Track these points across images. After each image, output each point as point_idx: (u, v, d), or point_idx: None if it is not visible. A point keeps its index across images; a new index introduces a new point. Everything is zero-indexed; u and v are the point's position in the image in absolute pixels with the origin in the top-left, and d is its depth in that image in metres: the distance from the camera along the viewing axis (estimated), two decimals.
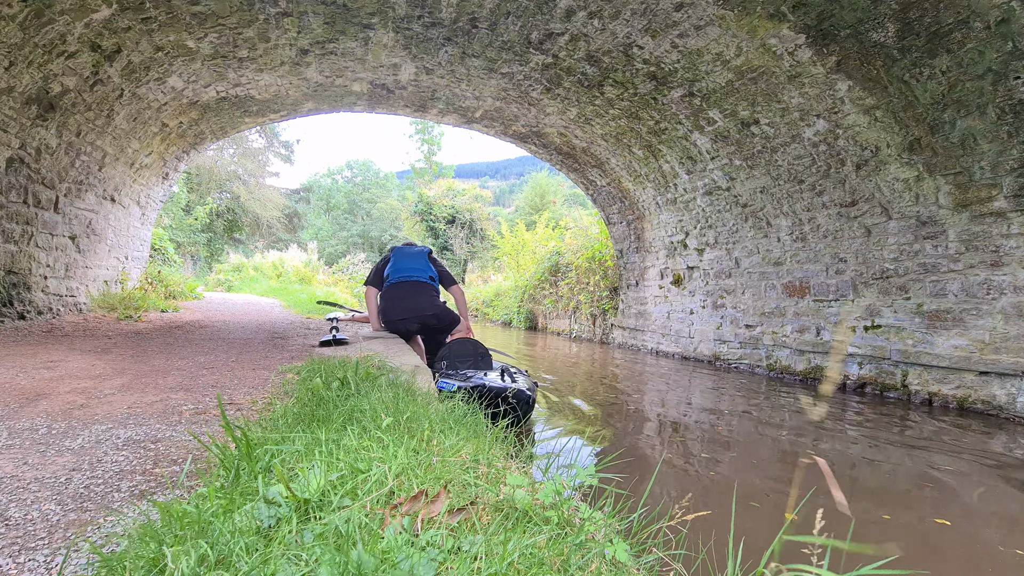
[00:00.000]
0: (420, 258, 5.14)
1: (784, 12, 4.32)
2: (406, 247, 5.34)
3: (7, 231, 5.76)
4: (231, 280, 18.82)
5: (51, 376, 3.49)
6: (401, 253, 5.20)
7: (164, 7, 4.95)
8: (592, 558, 1.23)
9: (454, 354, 4.52)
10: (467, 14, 5.23)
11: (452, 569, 1.09)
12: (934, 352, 4.94)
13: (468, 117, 8.37)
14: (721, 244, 7.37)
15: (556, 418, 4.48)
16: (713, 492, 2.85)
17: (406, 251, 5.23)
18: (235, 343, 5.59)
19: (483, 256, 22.86)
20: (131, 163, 7.79)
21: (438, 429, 2.07)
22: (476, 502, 1.42)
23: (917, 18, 3.85)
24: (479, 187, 28.33)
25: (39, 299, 6.38)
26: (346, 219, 48.81)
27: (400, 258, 5.12)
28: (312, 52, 6.20)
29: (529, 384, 4.05)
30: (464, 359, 4.50)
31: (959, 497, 2.87)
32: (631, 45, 5.32)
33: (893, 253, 5.23)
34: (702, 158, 6.77)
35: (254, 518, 1.23)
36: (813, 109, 5.10)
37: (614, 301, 10.53)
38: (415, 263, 5.05)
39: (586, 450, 3.54)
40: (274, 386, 3.41)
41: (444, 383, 3.94)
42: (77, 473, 1.82)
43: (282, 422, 2.18)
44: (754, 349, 6.94)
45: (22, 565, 1.25)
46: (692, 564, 1.54)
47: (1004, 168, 4.17)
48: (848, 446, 3.74)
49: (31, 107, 5.46)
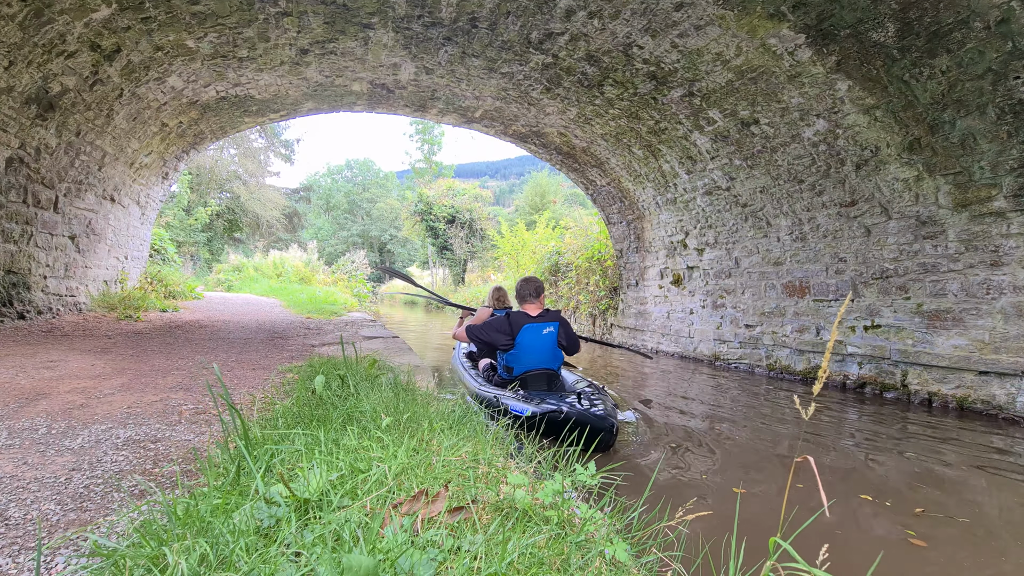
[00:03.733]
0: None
1: (784, 12, 4.32)
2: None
3: (7, 231, 5.76)
4: (231, 280, 18.82)
5: (51, 376, 3.49)
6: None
7: (164, 7, 4.94)
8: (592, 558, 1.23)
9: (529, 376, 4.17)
10: (467, 14, 5.23)
11: (452, 568, 1.09)
12: (934, 352, 4.94)
13: (468, 117, 8.37)
14: (721, 244, 7.37)
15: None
16: (713, 492, 2.85)
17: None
18: (235, 343, 5.59)
19: (483, 256, 22.86)
20: (131, 163, 7.78)
21: (438, 429, 2.08)
22: (476, 502, 1.42)
23: (917, 18, 3.85)
24: (479, 187, 28.28)
25: (39, 299, 6.38)
26: (346, 219, 48.81)
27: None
28: (312, 52, 6.20)
29: (610, 406, 3.58)
30: (537, 379, 4.18)
31: (959, 497, 2.87)
32: (631, 45, 5.32)
33: (893, 253, 5.23)
34: (702, 158, 6.77)
35: (254, 518, 1.23)
36: (813, 109, 5.10)
37: (614, 301, 10.53)
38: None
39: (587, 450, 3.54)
40: (274, 386, 3.41)
41: (518, 407, 3.61)
42: (77, 473, 1.82)
43: (282, 422, 2.18)
44: (754, 349, 6.94)
45: (22, 565, 1.25)
46: (692, 564, 1.54)
47: (1004, 168, 4.17)
48: (848, 446, 3.75)
49: (31, 107, 5.46)
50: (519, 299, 4.30)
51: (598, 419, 3.23)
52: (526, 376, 4.17)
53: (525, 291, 4.26)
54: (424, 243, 26.56)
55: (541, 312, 4.21)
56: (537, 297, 4.25)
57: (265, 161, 25.72)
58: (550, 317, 4.20)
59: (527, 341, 4.10)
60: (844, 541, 2.29)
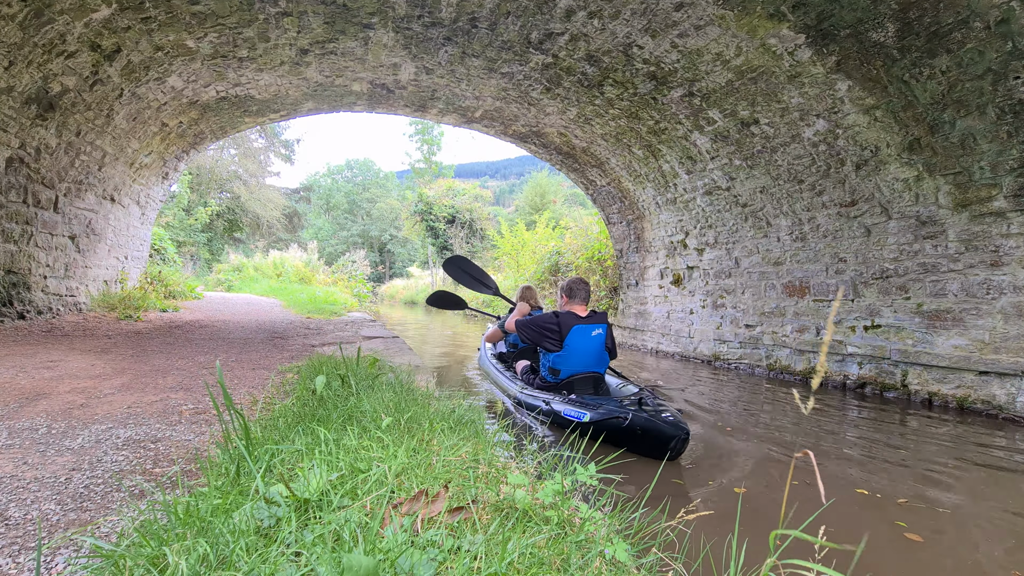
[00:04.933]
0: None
1: (784, 12, 4.32)
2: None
3: (7, 231, 5.76)
4: (231, 280, 18.82)
5: (51, 376, 3.49)
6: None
7: (164, 7, 4.94)
8: (592, 558, 1.23)
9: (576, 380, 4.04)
10: (467, 14, 5.23)
11: (452, 568, 1.09)
12: (934, 352, 4.94)
13: (468, 117, 8.37)
14: (721, 244, 7.37)
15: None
16: (714, 492, 2.85)
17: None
18: (235, 343, 5.59)
19: (483, 256, 22.84)
20: (131, 163, 7.78)
21: (438, 429, 2.08)
22: (476, 502, 1.42)
23: (917, 18, 3.85)
24: (479, 187, 28.29)
25: (39, 299, 6.38)
26: (346, 219, 48.83)
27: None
28: (312, 52, 6.20)
29: (675, 412, 3.37)
30: (584, 383, 4.03)
31: (958, 497, 2.87)
32: (631, 45, 5.32)
33: (893, 253, 5.23)
34: (702, 158, 6.77)
35: (254, 518, 1.23)
36: (813, 109, 5.10)
37: (614, 301, 10.53)
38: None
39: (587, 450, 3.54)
40: (274, 386, 3.41)
41: (572, 413, 3.44)
42: (77, 473, 1.82)
43: (282, 422, 2.18)
44: (754, 349, 6.94)
45: (22, 565, 1.25)
46: (693, 564, 1.54)
47: (1004, 168, 4.18)
48: (848, 446, 3.75)
49: (31, 107, 5.46)
50: (569, 296, 4.15)
51: (671, 426, 3.04)
52: (573, 379, 4.02)
53: (579, 290, 4.13)
54: (424, 243, 26.56)
55: (589, 313, 4.07)
56: (587, 299, 4.16)
57: (265, 161, 25.72)
58: (599, 319, 4.05)
59: (576, 343, 3.96)
60: (842, 541, 2.29)
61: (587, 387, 4.05)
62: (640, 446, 3.12)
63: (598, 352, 4.05)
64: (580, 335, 3.96)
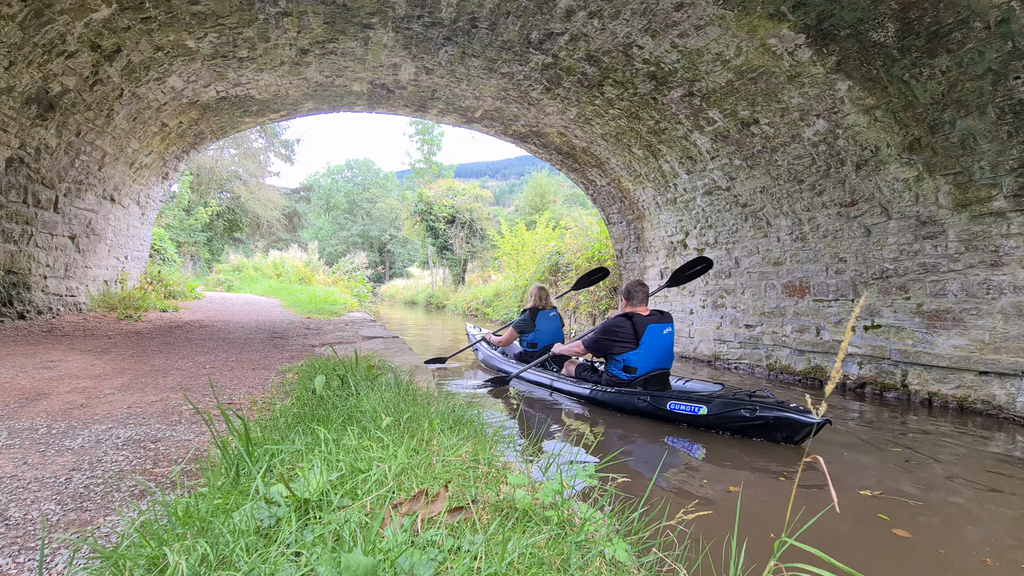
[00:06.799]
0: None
1: (784, 12, 4.32)
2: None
3: (7, 231, 5.76)
4: (231, 280, 18.81)
5: (51, 376, 3.49)
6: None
7: (164, 7, 4.95)
8: (592, 558, 1.23)
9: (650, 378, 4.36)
10: (467, 14, 5.23)
11: (452, 568, 1.09)
12: (934, 352, 4.94)
13: (468, 117, 8.37)
14: (721, 244, 7.37)
15: (556, 417, 4.48)
16: (714, 492, 2.85)
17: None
18: (235, 343, 5.60)
19: (483, 256, 22.84)
20: (131, 163, 7.78)
21: (438, 429, 2.08)
22: (476, 502, 1.42)
23: (917, 18, 3.85)
24: (479, 187, 28.26)
25: (39, 299, 6.38)
26: (346, 219, 48.82)
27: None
28: (312, 52, 6.20)
29: (788, 404, 3.75)
30: (657, 379, 4.36)
31: (958, 497, 2.87)
32: (631, 45, 5.32)
33: (893, 253, 5.23)
34: (702, 158, 6.77)
35: (254, 518, 1.23)
36: (813, 109, 5.10)
37: (614, 301, 10.53)
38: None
39: (587, 449, 3.54)
40: (274, 386, 3.41)
41: (685, 407, 3.85)
42: (77, 473, 1.82)
43: (282, 422, 2.18)
44: (754, 349, 6.94)
45: (22, 565, 1.25)
46: (693, 564, 1.53)
47: (1004, 168, 4.17)
48: (847, 446, 3.74)
49: (31, 107, 5.46)
50: (628, 299, 4.47)
51: (801, 413, 3.46)
52: (648, 376, 4.35)
53: (639, 292, 4.44)
54: (424, 243, 26.55)
55: (653, 312, 4.40)
56: (646, 299, 4.46)
57: (265, 161, 25.73)
58: (667, 318, 4.40)
59: (651, 341, 4.28)
60: (844, 538, 2.29)
61: (659, 383, 4.40)
62: (769, 434, 3.62)
63: (668, 349, 4.40)
64: (654, 334, 4.30)
